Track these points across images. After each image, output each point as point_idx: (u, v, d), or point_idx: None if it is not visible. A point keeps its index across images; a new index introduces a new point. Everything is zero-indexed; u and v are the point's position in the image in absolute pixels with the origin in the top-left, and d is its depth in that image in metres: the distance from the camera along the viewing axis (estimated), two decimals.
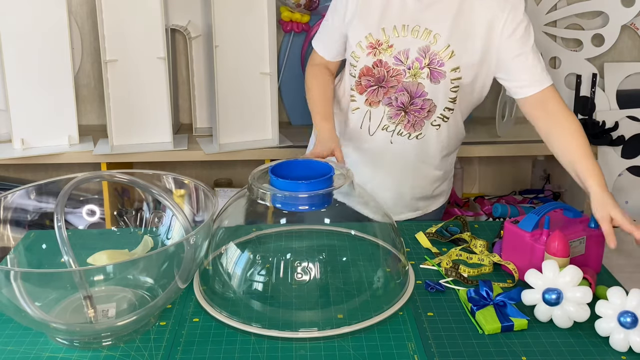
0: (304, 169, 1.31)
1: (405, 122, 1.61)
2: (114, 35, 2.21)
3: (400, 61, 1.55)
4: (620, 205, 1.34)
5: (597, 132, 2.36)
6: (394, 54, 1.55)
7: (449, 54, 1.53)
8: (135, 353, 1.11)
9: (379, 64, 1.57)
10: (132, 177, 1.29)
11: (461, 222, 1.56)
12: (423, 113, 1.60)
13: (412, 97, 1.58)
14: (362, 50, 1.58)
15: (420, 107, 1.59)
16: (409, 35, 1.54)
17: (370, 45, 1.57)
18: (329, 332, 1.13)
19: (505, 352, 1.11)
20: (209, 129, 2.49)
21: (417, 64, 1.55)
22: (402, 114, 1.60)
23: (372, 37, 1.56)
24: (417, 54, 1.54)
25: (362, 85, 1.61)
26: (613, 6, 2.43)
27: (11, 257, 1.29)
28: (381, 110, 1.61)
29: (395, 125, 1.62)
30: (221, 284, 1.25)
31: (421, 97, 1.58)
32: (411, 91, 1.57)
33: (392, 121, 1.62)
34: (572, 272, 1.16)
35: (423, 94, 1.57)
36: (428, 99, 1.58)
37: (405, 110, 1.59)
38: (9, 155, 2.25)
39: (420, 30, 1.54)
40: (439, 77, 1.55)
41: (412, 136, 1.63)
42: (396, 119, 1.61)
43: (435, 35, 1.53)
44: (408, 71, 1.56)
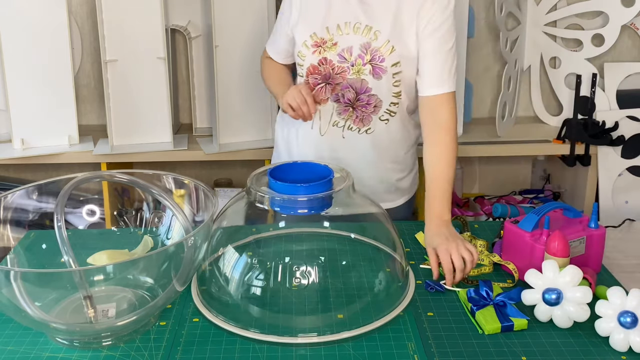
0: (303, 172, 1.31)
1: (354, 117, 1.65)
2: (114, 35, 2.20)
3: (344, 58, 1.59)
4: (620, 206, 1.34)
5: (597, 132, 2.36)
6: (338, 51, 1.59)
7: (389, 49, 1.57)
8: (135, 353, 1.11)
9: (324, 62, 1.61)
10: (132, 177, 1.29)
11: (461, 222, 1.56)
12: (370, 108, 1.63)
13: (358, 94, 1.61)
14: (308, 49, 1.62)
15: (366, 103, 1.62)
16: (351, 32, 1.58)
17: (315, 44, 1.61)
18: (329, 337, 1.13)
19: (505, 352, 1.11)
20: (209, 129, 2.49)
21: (359, 61, 1.58)
22: (350, 110, 1.64)
23: (317, 35, 1.60)
24: (359, 51, 1.58)
25: (310, 84, 1.64)
26: (613, 6, 2.43)
27: (11, 257, 1.29)
28: (330, 107, 1.65)
29: (344, 120, 1.66)
30: (219, 288, 1.25)
31: (366, 93, 1.61)
32: (356, 87, 1.61)
33: (341, 117, 1.65)
34: (572, 272, 1.16)
35: (367, 89, 1.61)
36: (373, 95, 1.61)
37: (353, 106, 1.63)
38: (9, 155, 2.25)
39: (361, 27, 1.58)
40: (381, 72, 1.59)
41: (362, 131, 1.66)
42: (345, 115, 1.65)
43: (376, 32, 1.57)
44: (352, 68, 1.59)
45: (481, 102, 2.69)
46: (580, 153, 2.37)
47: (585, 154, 2.36)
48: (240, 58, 2.28)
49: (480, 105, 2.70)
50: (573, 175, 2.53)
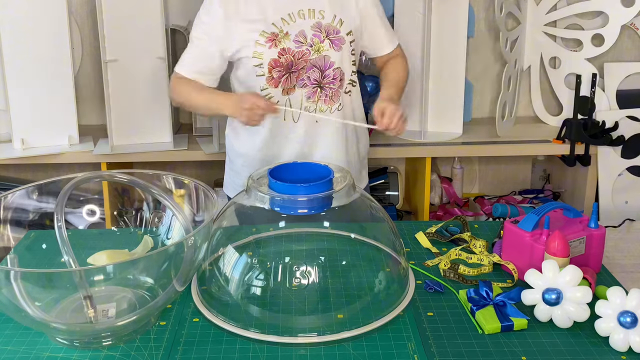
0: (303, 172, 1.31)
1: (324, 97, 1.70)
2: (114, 35, 2.20)
3: (300, 42, 1.66)
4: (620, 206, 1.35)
5: (597, 132, 2.36)
6: (292, 38, 1.65)
7: (338, 22, 1.68)
8: (135, 353, 1.11)
9: (284, 52, 1.65)
10: (132, 177, 1.29)
11: (461, 222, 1.56)
12: (336, 83, 1.70)
13: (323, 71, 1.67)
14: (263, 46, 1.65)
15: (332, 78, 1.69)
16: (298, 19, 1.65)
17: (269, 39, 1.65)
18: (329, 337, 1.13)
19: (505, 352, 1.11)
20: (209, 129, 2.49)
21: (316, 40, 1.66)
22: (318, 90, 1.69)
23: (266, 32, 1.64)
24: (312, 32, 1.66)
25: (275, 78, 1.67)
26: (613, 6, 2.43)
27: (11, 257, 1.29)
28: (298, 93, 1.68)
29: (315, 103, 1.69)
30: (219, 288, 1.25)
31: (331, 68, 1.68)
32: (320, 65, 1.68)
33: (310, 100, 1.69)
34: (572, 272, 1.16)
35: (331, 64, 1.68)
36: (337, 68, 1.69)
37: (320, 86, 1.68)
38: (9, 155, 2.25)
39: (305, 13, 1.66)
40: (340, 43, 1.68)
41: (333, 109, 1.71)
42: (314, 97, 1.69)
43: (320, 11, 1.67)
44: (311, 49, 1.66)
45: (481, 102, 2.69)
46: (580, 153, 2.37)
47: (585, 154, 2.36)
48: None
49: (480, 105, 2.70)
50: (573, 175, 2.53)
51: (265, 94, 1.68)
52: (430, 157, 2.36)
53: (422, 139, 2.37)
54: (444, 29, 2.33)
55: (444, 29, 2.33)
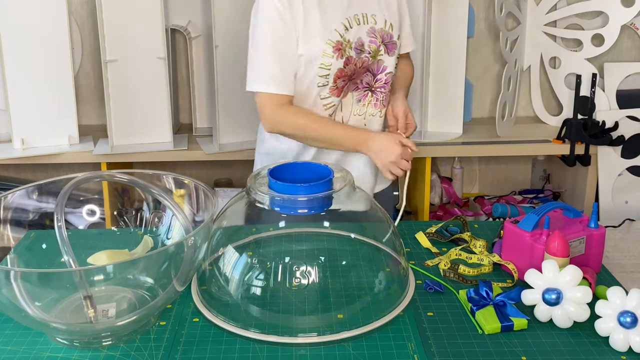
0: (303, 172, 1.31)
1: (374, 100, 1.68)
2: (114, 35, 2.20)
3: (359, 50, 1.62)
4: (620, 206, 1.35)
5: (597, 132, 2.36)
6: (353, 47, 1.61)
7: (390, 26, 1.66)
8: (135, 353, 1.11)
9: (348, 62, 1.61)
10: (132, 177, 1.29)
11: (461, 222, 1.56)
12: (387, 87, 1.69)
13: (375, 75, 1.66)
14: (331, 57, 1.58)
15: (384, 82, 1.68)
16: (354, 25, 1.61)
17: (335, 49, 1.58)
18: (329, 337, 1.13)
19: (505, 352, 1.11)
20: (209, 129, 2.49)
21: (373, 46, 1.64)
22: (369, 94, 1.67)
23: (332, 41, 1.58)
24: (368, 38, 1.63)
25: (339, 87, 1.63)
26: (613, 6, 2.43)
27: (11, 257, 1.29)
28: (350, 96, 1.67)
29: (365, 107, 1.68)
30: (219, 288, 1.25)
31: (383, 72, 1.67)
32: (373, 69, 1.65)
33: (361, 104, 1.68)
34: (572, 272, 1.16)
35: (384, 68, 1.67)
36: (389, 72, 1.68)
37: (371, 90, 1.67)
38: (9, 155, 2.25)
39: (360, 17, 1.62)
40: (393, 48, 1.68)
41: (382, 113, 1.72)
42: (364, 100, 1.68)
43: (372, 16, 1.64)
44: (369, 56, 1.63)
45: (481, 102, 2.69)
46: (580, 153, 2.37)
47: (585, 154, 2.36)
48: (240, 58, 2.27)
49: (480, 105, 2.70)
50: (573, 175, 2.53)
51: (327, 103, 1.63)
52: (430, 157, 2.36)
53: (422, 139, 2.37)
54: (444, 29, 2.33)
55: (444, 29, 2.33)
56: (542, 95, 2.61)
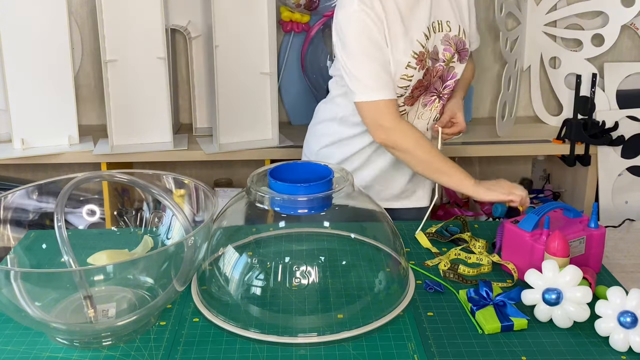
0: (303, 172, 1.31)
1: (440, 107, 1.68)
2: (114, 35, 2.20)
3: (435, 60, 1.60)
4: (620, 205, 1.35)
5: (597, 132, 2.36)
6: (431, 56, 1.59)
7: (463, 33, 1.63)
8: (135, 353, 1.11)
9: (427, 72, 1.59)
10: (132, 177, 1.29)
11: (461, 222, 1.56)
12: (451, 93, 1.68)
13: (444, 81, 1.65)
14: (414, 69, 1.56)
15: (451, 89, 1.67)
16: (431, 34, 1.58)
17: (418, 61, 1.55)
18: (329, 337, 1.13)
19: (505, 352, 1.11)
20: (209, 129, 2.49)
21: (448, 54, 1.61)
22: (436, 100, 1.66)
23: (416, 53, 1.55)
24: (443, 46, 1.61)
25: (415, 97, 1.63)
26: (613, 6, 2.43)
27: (11, 257, 1.29)
28: (417, 102, 1.66)
29: (430, 112, 1.67)
30: (219, 288, 1.25)
31: (453, 79, 1.66)
32: (444, 76, 1.64)
33: (426, 109, 1.67)
34: (572, 272, 1.16)
35: (454, 75, 1.66)
36: (457, 79, 1.68)
37: (439, 96, 1.65)
38: (9, 155, 2.25)
39: (436, 25, 1.59)
40: (466, 55, 1.66)
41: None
42: (430, 106, 1.67)
43: (447, 22, 1.60)
44: (443, 64, 1.61)
45: (481, 102, 2.69)
46: (580, 153, 2.37)
47: (585, 154, 2.36)
48: (240, 58, 2.28)
49: (480, 105, 2.70)
50: (573, 175, 2.54)
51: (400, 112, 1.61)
52: None
53: None
54: None
55: None
56: (542, 95, 2.61)
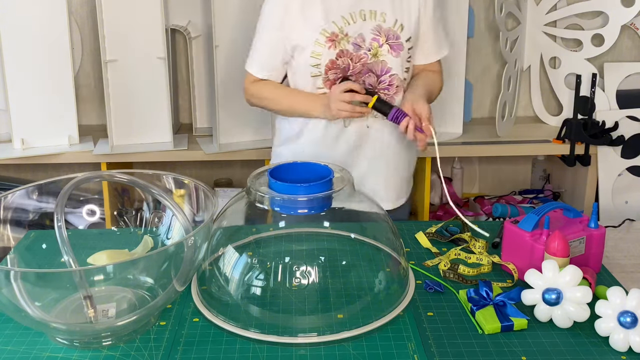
0: (303, 172, 1.31)
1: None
2: (114, 35, 2.21)
3: (359, 46, 1.62)
4: (620, 205, 1.35)
5: (597, 132, 2.36)
6: (351, 41, 1.62)
7: (399, 27, 1.64)
8: (135, 353, 1.11)
9: (342, 54, 1.62)
10: (132, 177, 1.29)
11: (461, 222, 1.56)
12: (392, 89, 1.67)
13: (379, 76, 1.65)
14: (323, 46, 1.62)
15: (388, 84, 1.66)
16: (359, 20, 1.62)
17: (329, 39, 1.61)
18: (329, 337, 1.13)
19: (505, 352, 1.11)
20: (209, 129, 2.49)
21: (375, 44, 1.63)
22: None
23: (327, 31, 1.61)
24: (372, 35, 1.63)
25: (331, 80, 1.65)
26: (613, 6, 2.43)
27: (11, 257, 1.29)
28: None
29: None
30: (219, 288, 1.25)
31: (387, 74, 1.65)
32: (376, 70, 1.64)
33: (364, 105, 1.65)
34: (572, 272, 1.16)
35: (388, 70, 1.65)
36: (394, 74, 1.66)
37: (375, 91, 1.65)
38: (9, 155, 2.25)
39: (366, 14, 1.62)
40: (399, 49, 1.65)
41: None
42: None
43: (382, 14, 1.62)
44: (369, 53, 1.63)
45: (481, 102, 2.69)
46: (580, 153, 2.37)
47: (585, 154, 2.36)
48: (240, 58, 2.27)
49: (480, 105, 2.70)
50: (573, 175, 2.54)
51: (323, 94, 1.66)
52: (430, 157, 2.36)
53: None
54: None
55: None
56: (542, 95, 2.61)
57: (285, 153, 1.78)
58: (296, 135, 1.74)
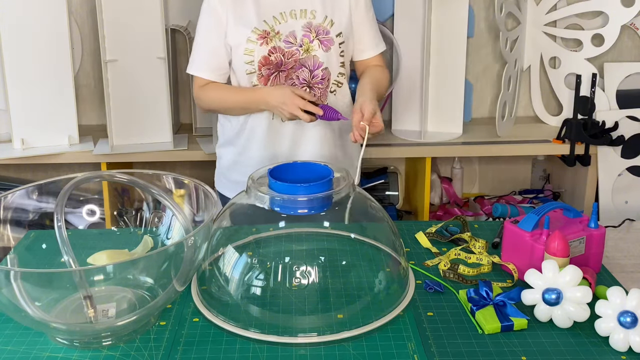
0: (303, 172, 1.31)
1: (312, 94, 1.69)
2: (114, 35, 2.20)
3: (290, 42, 1.70)
4: (620, 205, 1.35)
5: (597, 132, 2.36)
6: (283, 38, 1.69)
7: (329, 23, 1.71)
8: (135, 353, 1.11)
9: (274, 50, 1.67)
10: (132, 177, 1.29)
11: (461, 222, 1.56)
12: (324, 83, 1.72)
13: (312, 71, 1.70)
14: (255, 43, 1.68)
15: (321, 78, 1.71)
16: (289, 18, 1.69)
17: (260, 36, 1.68)
18: (329, 337, 1.13)
19: (505, 352, 1.11)
20: (209, 129, 2.49)
21: (306, 40, 1.69)
22: (307, 90, 1.70)
23: (258, 29, 1.68)
24: (302, 32, 1.70)
25: (265, 76, 1.70)
26: (613, 6, 2.43)
27: (11, 257, 1.29)
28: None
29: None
30: (219, 288, 1.25)
31: (319, 68, 1.71)
32: (309, 65, 1.70)
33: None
34: (572, 272, 1.16)
35: (319, 64, 1.71)
36: (325, 68, 1.72)
37: (309, 85, 1.71)
38: (9, 155, 2.25)
39: (297, 13, 1.69)
40: (329, 44, 1.71)
41: None
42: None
43: (312, 12, 1.70)
44: (300, 49, 1.69)
45: (481, 102, 2.69)
46: (580, 153, 2.37)
47: (585, 154, 2.36)
48: None
49: (480, 105, 2.70)
50: (573, 175, 2.53)
51: None
52: (430, 157, 2.36)
53: (422, 139, 2.37)
54: (444, 29, 2.33)
55: (444, 29, 2.33)
56: (542, 95, 2.61)
57: (227, 153, 1.84)
58: (236, 135, 1.79)
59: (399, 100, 2.47)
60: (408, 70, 2.40)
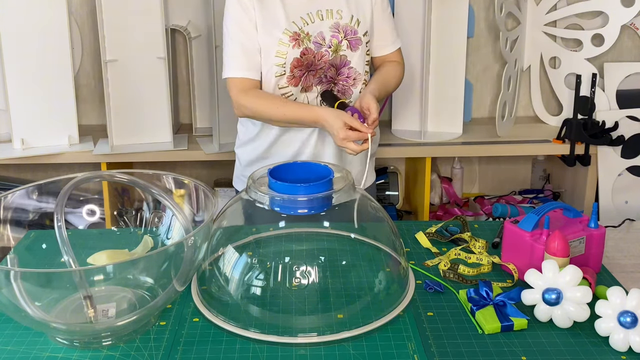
0: (303, 172, 1.31)
1: (336, 90, 1.71)
2: (114, 35, 2.20)
3: (319, 44, 1.67)
4: (620, 205, 1.35)
5: (597, 132, 2.36)
6: (312, 40, 1.67)
7: (356, 22, 1.70)
8: (135, 353, 1.11)
9: (306, 52, 1.66)
10: (132, 177, 1.29)
11: (461, 222, 1.56)
12: (350, 81, 1.73)
13: (338, 68, 1.70)
14: (287, 45, 1.65)
15: (347, 76, 1.71)
16: (317, 20, 1.68)
17: (292, 38, 1.65)
18: (329, 337, 1.13)
19: (505, 352, 1.11)
20: (209, 129, 2.49)
21: (335, 41, 1.68)
22: (332, 85, 1.71)
23: (289, 31, 1.65)
24: (331, 33, 1.68)
25: (296, 77, 1.68)
26: (613, 6, 2.43)
27: (11, 257, 1.29)
28: (314, 91, 1.71)
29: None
30: (219, 288, 1.25)
31: (346, 66, 1.71)
32: (336, 64, 1.70)
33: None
34: (572, 272, 1.16)
35: (346, 63, 1.71)
36: (352, 67, 1.71)
37: (334, 82, 1.71)
38: (9, 155, 2.25)
39: (323, 13, 1.68)
40: (357, 44, 1.70)
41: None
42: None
43: (338, 11, 1.69)
44: (329, 50, 1.68)
45: (481, 102, 2.69)
46: (580, 153, 2.37)
47: (585, 154, 2.36)
48: None
49: (480, 105, 2.70)
50: (573, 175, 2.53)
51: (285, 92, 1.68)
52: (430, 157, 2.36)
53: (422, 139, 2.37)
54: (444, 29, 2.33)
55: (444, 29, 2.33)
56: (542, 95, 2.61)
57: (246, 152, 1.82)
58: (257, 135, 1.78)
59: (399, 100, 2.47)
60: (408, 70, 2.40)
